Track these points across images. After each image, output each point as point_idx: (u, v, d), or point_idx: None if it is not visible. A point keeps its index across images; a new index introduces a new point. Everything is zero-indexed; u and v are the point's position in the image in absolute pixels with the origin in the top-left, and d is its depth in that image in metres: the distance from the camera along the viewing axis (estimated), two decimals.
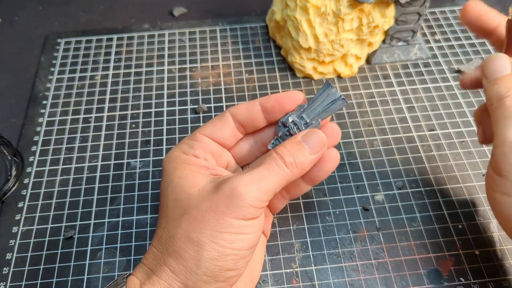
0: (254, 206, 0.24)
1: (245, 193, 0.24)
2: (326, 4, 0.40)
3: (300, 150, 0.27)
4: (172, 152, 0.29)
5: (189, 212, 0.25)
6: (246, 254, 0.25)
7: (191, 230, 0.24)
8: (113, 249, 0.35)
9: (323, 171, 0.29)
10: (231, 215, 0.24)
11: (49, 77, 0.47)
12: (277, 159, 0.26)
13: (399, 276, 0.33)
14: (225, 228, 0.24)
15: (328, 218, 0.36)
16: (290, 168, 0.26)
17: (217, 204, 0.24)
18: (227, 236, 0.24)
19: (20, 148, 0.41)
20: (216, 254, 0.24)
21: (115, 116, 0.43)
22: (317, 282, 0.33)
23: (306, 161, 0.27)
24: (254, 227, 0.25)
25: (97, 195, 0.38)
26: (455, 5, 0.53)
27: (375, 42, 0.45)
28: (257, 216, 0.25)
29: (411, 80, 0.45)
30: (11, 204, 0.37)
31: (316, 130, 0.28)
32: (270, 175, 0.25)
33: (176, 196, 0.26)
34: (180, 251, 0.24)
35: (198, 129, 0.29)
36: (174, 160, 0.28)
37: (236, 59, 0.48)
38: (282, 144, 0.27)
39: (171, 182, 0.27)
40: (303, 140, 0.27)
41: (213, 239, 0.24)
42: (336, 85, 0.45)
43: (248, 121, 0.29)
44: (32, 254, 0.34)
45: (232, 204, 0.24)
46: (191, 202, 0.25)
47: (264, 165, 0.26)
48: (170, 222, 0.25)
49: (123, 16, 0.53)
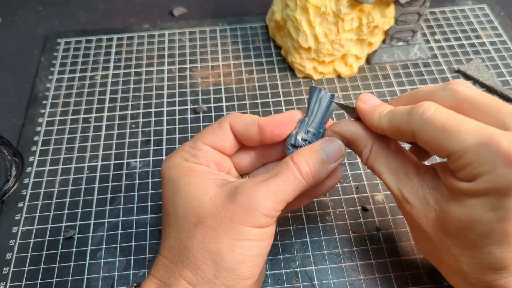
0: (270, 215, 0.25)
1: (261, 204, 0.24)
2: (326, 4, 0.40)
3: (317, 159, 0.26)
4: (172, 159, 0.28)
5: (203, 222, 0.24)
6: (261, 261, 0.26)
7: (207, 240, 0.24)
8: (113, 249, 0.35)
9: (325, 187, 0.29)
10: (248, 224, 0.24)
11: (49, 77, 0.47)
12: (293, 169, 0.26)
13: (399, 276, 0.33)
14: (243, 236, 0.24)
15: (328, 218, 0.36)
16: (306, 179, 0.26)
17: (233, 213, 0.24)
18: (246, 244, 0.24)
19: (20, 148, 0.41)
20: (235, 264, 0.24)
21: (115, 116, 0.43)
22: (317, 282, 0.33)
23: (323, 171, 0.26)
24: (268, 234, 0.26)
25: (97, 195, 0.38)
26: (455, 5, 0.53)
27: (375, 42, 0.45)
28: (272, 223, 0.26)
29: (411, 80, 0.45)
30: (11, 204, 0.37)
31: (334, 139, 0.27)
32: (286, 186, 0.25)
33: (186, 204, 0.25)
34: (198, 262, 0.24)
35: (198, 137, 0.29)
36: (177, 167, 0.27)
37: (236, 59, 0.48)
38: (299, 152, 0.26)
39: (178, 190, 0.26)
40: (321, 148, 0.27)
41: (232, 248, 0.24)
42: (336, 85, 0.45)
43: (244, 138, 0.29)
44: (32, 254, 0.34)
45: (249, 214, 0.24)
46: (204, 210, 0.25)
47: (281, 176, 0.25)
48: (183, 232, 0.25)
49: (123, 16, 0.53)
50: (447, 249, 0.25)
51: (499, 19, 0.51)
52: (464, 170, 0.22)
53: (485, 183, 0.21)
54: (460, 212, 0.23)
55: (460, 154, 0.22)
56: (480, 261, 0.24)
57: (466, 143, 0.22)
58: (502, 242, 0.22)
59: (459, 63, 0.47)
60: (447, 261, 0.25)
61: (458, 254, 0.24)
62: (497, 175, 0.21)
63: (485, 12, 0.52)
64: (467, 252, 0.24)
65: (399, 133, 0.25)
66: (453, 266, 0.25)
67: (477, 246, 0.23)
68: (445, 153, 0.23)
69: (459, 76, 0.46)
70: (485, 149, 0.21)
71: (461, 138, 0.22)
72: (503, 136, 0.21)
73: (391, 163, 0.27)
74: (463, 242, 0.24)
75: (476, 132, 0.22)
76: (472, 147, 0.21)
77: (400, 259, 0.33)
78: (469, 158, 0.22)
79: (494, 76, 0.45)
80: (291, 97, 0.44)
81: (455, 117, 0.23)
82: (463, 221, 0.23)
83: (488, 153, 0.21)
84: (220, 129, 0.29)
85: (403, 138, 0.25)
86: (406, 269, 0.33)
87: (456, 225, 0.23)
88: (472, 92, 0.24)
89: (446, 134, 0.22)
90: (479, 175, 0.22)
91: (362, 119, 0.27)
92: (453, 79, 0.45)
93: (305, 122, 0.28)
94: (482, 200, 0.22)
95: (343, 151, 0.27)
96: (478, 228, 0.22)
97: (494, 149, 0.21)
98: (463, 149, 0.22)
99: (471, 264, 0.24)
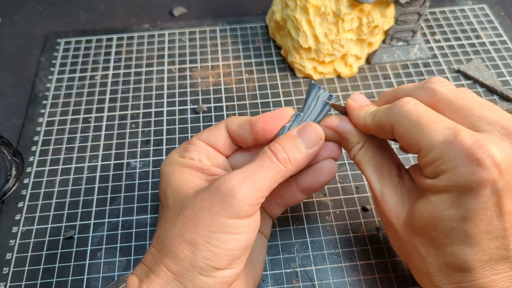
0: (248, 203, 0.24)
1: (238, 189, 0.24)
2: (326, 4, 0.40)
3: (295, 145, 0.26)
4: (170, 155, 0.29)
5: (184, 212, 0.25)
6: (241, 254, 0.25)
7: (185, 229, 0.24)
8: (113, 249, 0.35)
9: (318, 182, 0.29)
10: (225, 214, 0.24)
11: (49, 77, 0.47)
12: (270, 155, 0.26)
13: (399, 276, 0.33)
14: (219, 228, 0.24)
15: (328, 218, 0.36)
16: (284, 164, 0.26)
17: (210, 202, 0.24)
18: (221, 236, 0.24)
19: (20, 148, 0.41)
20: (210, 254, 0.24)
21: (115, 116, 0.43)
22: (317, 282, 0.33)
23: (301, 156, 0.26)
24: (248, 227, 0.25)
25: (97, 195, 0.38)
26: (455, 5, 0.53)
27: (375, 42, 0.45)
28: (252, 214, 0.25)
29: (411, 80, 0.45)
30: (11, 204, 0.37)
31: (311, 124, 0.27)
32: (262, 171, 0.25)
33: (175, 196, 0.26)
34: (176, 251, 0.24)
35: (196, 134, 0.30)
36: (172, 163, 0.28)
37: (236, 59, 0.48)
38: (276, 140, 0.27)
39: (170, 184, 0.27)
40: (298, 135, 0.27)
41: (207, 239, 0.24)
42: (336, 85, 0.45)
43: (238, 138, 0.29)
44: (32, 254, 0.34)
45: (226, 203, 0.24)
46: (187, 201, 0.25)
47: (257, 161, 0.26)
48: (168, 221, 0.26)
49: (123, 16, 0.53)
50: (415, 249, 0.25)
51: (499, 19, 0.51)
52: (430, 166, 0.23)
53: (446, 181, 0.22)
54: (424, 210, 0.23)
55: (428, 150, 0.22)
56: (444, 262, 0.24)
57: (434, 139, 0.22)
58: (463, 242, 0.22)
59: (459, 63, 0.47)
60: (415, 261, 0.26)
61: (425, 254, 0.25)
62: (458, 173, 0.21)
63: (485, 12, 0.52)
64: (432, 252, 0.24)
65: (380, 128, 0.26)
66: (421, 268, 0.25)
67: (441, 245, 0.23)
68: (416, 148, 0.23)
69: (459, 76, 0.46)
70: (450, 147, 0.22)
71: (431, 134, 0.22)
72: (468, 136, 0.21)
73: (377, 161, 0.27)
74: (428, 241, 0.24)
75: (445, 130, 0.22)
76: (439, 144, 0.22)
77: (400, 259, 0.33)
78: (434, 154, 0.22)
79: (494, 76, 0.45)
80: (291, 97, 0.44)
81: (430, 114, 0.23)
82: (426, 218, 0.23)
83: (452, 151, 0.21)
84: (216, 128, 0.29)
85: (383, 133, 0.26)
86: (406, 269, 0.33)
87: (421, 223, 0.24)
88: (448, 92, 0.24)
89: (419, 129, 0.23)
90: (441, 172, 0.22)
91: (349, 116, 0.28)
92: (453, 79, 0.45)
93: (299, 117, 0.28)
94: (443, 197, 0.22)
95: (321, 136, 0.27)
96: (440, 226, 0.23)
97: (458, 147, 0.21)
98: (431, 146, 0.22)
99: (436, 265, 0.24)
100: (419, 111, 0.23)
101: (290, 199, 0.30)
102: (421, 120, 0.23)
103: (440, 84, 0.25)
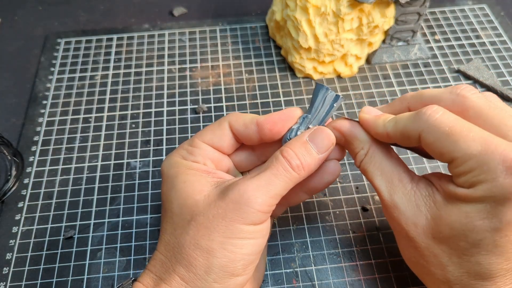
0: (263, 211, 0.25)
1: (253, 198, 0.24)
2: (326, 4, 0.40)
3: (307, 151, 0.26)
4: (171, 157, 0.28)
5: (196, 219, 0.25)
6: (254, 259, 0.25)
7: (199, 237, 0.24)
8: (113, 249, 0.35)
9: (322, 183, 0.29)
10: (240, 221, 0.24)
11: (49, 77, 0.47)
12: (283, 162, 0.26)
13: (399, 276, 0.33)
14: (234, 234, 0.24)
15: (328, 218, 0.36)
16: (297, 171, 0.26)
17: (225, 210, 0.24)
18: (237, 242, 0.24)
19: (20, 148, 0.41)
20: (226, 261, 0.24)
21: (115, 116, 0.43)
22: (317, 282, 0.33)
23: (313, 162, 0.26)
24: (262, 232, 0.25)
25: (97, 195, 0.38)
26: (455, 5, 0.53)
27: (375, 42, 0.45)
28: (265, 220, 0.25)
29: (411, 80, 0.45)
30: (11, 204, 0.37)
31: (323, 128, 0.27)
32: (276, 179, 0.25)
33: (181, 202, 0.26)
34: (190, 259, 0.24)
35: (197, 135, 0.29)
36: (175, 165, 0.27)
37: (236, 59, 0.48)
38: (288, 145, 0.26)
39: (174, 187, 0.26)
40: (310, 139, 0.26)
41: (223, 246, 0.24)
42: (336, 85, 0.45)
43: (243, 137, 0.29)
44: (32, 254, 0.34)
45: (240, 210, 0.24)
46: (198, 208, 0.25)
47: (271, 170, 0.25)
48: (177, 228, 0.25)
49: (123, 16, 0.53)
50: (435, 258, 0.25)
51: (499, 19, 0.51)
52: (465, 176, 0.22)
53: (484, 191, 0.22)
54: (454, 220, 0.23)
55: (464, 160, 0.22)
56: (467, 270, 0.23)
57: (471, 149, 0.22)
58: (490, 252, 0.22)
59: (459, 63, 0.47)
60: (433, 270, 0.25)
61: (446, 263, 0.24)
62: (497, 184, 0.21)
63: (485, 12, 0.52)
64: (455, 261, 0.24)
65: (405, 136, 0.25)
66: (439, 276, 0.25)
67: (466, 255, 0.23)
68: (449, 157, 0.23)
69: (459, 76, 0.46)
70: (489, 157, 0.21)
71: (466, 144, 0.22)
72: (508, 147, 0.21)
73: (385, 168, 0.27)
74: (453, 250, 0.24)
75: (482, 140, 0.22)
76: (477, 154, 0.22)
77: (400, 259, 0.33)
78: (471, 164, 0.22)
79: (494, 76, 0.45)
80: (291, 97, 0.44)
81: (463, 123, 0.23)
82: (455, 228, 0.23)
83: (491, 162, 0.21)
84: (219, 128, 0.29)
85: (408, 141, 0.25)
86: (406, 269, 0.33)
87: (448, 233, 0.23)
88: (479, 100, 0.24)
89: (452, 139, 0.22)
90: (479, 182, 0.22)
91: (366, 128, 0.27)
92: (453, 79, 0.45)
93: (307, 119, 0.28)
94: (478, 207, 0.22)
95: (333, 140, 0.27)
96: (470, 237, 0.23)
97: (498, 158, 0.21)
98: (468, 155, 0.22)
99: (457, 273, 0.24)
100: (450, 120, 0.23)
101: (293, 199, 0.30)
102: (454, 129, 0.23)
103: (470, 92, 0.25)
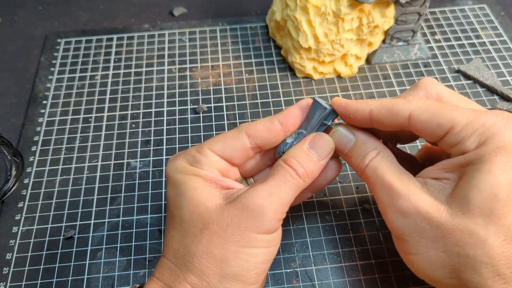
0: (277, 218, 0.25)
1: (267, 206, 0.24)
2: (326, 4, 0.40)
3: (310, 159, 0.27)
4: (176, 160, 0.28)
5: (209, 228, 0.24)
6: (267, 267, 0.26)
7: (213, 246, 0.24)
8: (113, 249, 0.34)
9: (325, 179, 0.29)
10: (255, 230, 0.24)
11: (49, 77, 0.47)
12: (290, 171, 0.26)
13: (399, 276, 0.33)
14: (249, 243, 0.24)
15: (328, 218, 0.36)
16: (303, 179, 0.26)
17: (238, 219, 0.24)
18: (252, 250, 0.24)
19: (20, 148, 0.41)
20: (240, 270, 0.24)
21: (115, 116, 0.43)
22: (317, 282, 0.33)
23: (316, 169, 0.27)
24: (275, 240, 0.26)
25: (97, 195, 0.38)
26: (455, 5, 0.53)
27: (375, 42, 0.45)
28: (278, 228, 0.26)
29: (411, 80, 0.45)
30: (11, 204, 0.37)
31: (322, 135, 0.27)
32: (286, 186, 0.26)
33: (192, 209, 0.25)
34: (202, 267, 0.24)
35: (207, 143, 0.28)
36: (182, 170, 0.27)
37: (236, 59, 0.48)
38: (291, 155, 0.27)
39: (184, 193, 0.26)
40: (311, 147, 0.27)
41: (237, 255, 0.24)
42: (336, 85, 0.45)
43: (268, 142, 0.28)
44: (32, 254, 0.34)
45: (255, 219, 0.24)
46: (210, 216, 0.25)
47: (279, 177, 0.26)
48: (188, 236, 0.25)
49: (123, 16, 0.53)
50: (471, 236, 0.23)
51: (499, 19, 0.51)
52: (472, 137, 0.23)
53: (495, 143, 0.23)
54: (478, 181, 0.23)
55: (464, 122, 0.23)
56: (504, 237, 0.22)
57: (466, 115, 0.24)
58: None
59: (459, 63, 0.47)
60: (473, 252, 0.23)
61: (485, 236, 0.22)
62: (505, 135, 0.23)
63: (485, 12, 0.52)
64: (492, 229, 0.22)
65: (393, 114, 0.25)
66: (480, 257, 0.23)
67: (500, 217, 0.22)
68: (449, 125, 0.24)
69: (459, 76, 0.46)
70: (488, 116, 0.23)
71: (463, 109, 0.24)
72: (495, 110, 0.24)
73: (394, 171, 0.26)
74: (487, 218, 0.22)
75: (471, 109, 0.24)
76: (476, 115, 0.23)
77: (400, 259, 0.33)
78: (475, 125, 0.23)
79: (494, 76, 0.45)
80: (291, 97, 0.44)
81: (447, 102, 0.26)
82: (483, 189, 0.22)
83: (491, 119, 0.23)
84: (234, 138, 0.28)
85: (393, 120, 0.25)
86: (406, 269, 0.33)
87: (479, 198, 0.22)
88: (443, 88, 0.27)
89: (448, 109, 0.24)
90: (488, 139, 0.23)
91: (345, 107, 0.27)
92: (453, 79, 0.45)
93: (302, 135, 0.28)
94: (496, 161, 0.23)
95: (332, 145, 0.28)
96: (499, 194, 0.22)
97: (498, 114, 0.23)
98: (468, 118, 0.23)
99: (498, 244, 0.22)
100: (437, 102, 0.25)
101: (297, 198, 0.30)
102: (445, 105, 0.25)
103: (433, 83, 0.27)
